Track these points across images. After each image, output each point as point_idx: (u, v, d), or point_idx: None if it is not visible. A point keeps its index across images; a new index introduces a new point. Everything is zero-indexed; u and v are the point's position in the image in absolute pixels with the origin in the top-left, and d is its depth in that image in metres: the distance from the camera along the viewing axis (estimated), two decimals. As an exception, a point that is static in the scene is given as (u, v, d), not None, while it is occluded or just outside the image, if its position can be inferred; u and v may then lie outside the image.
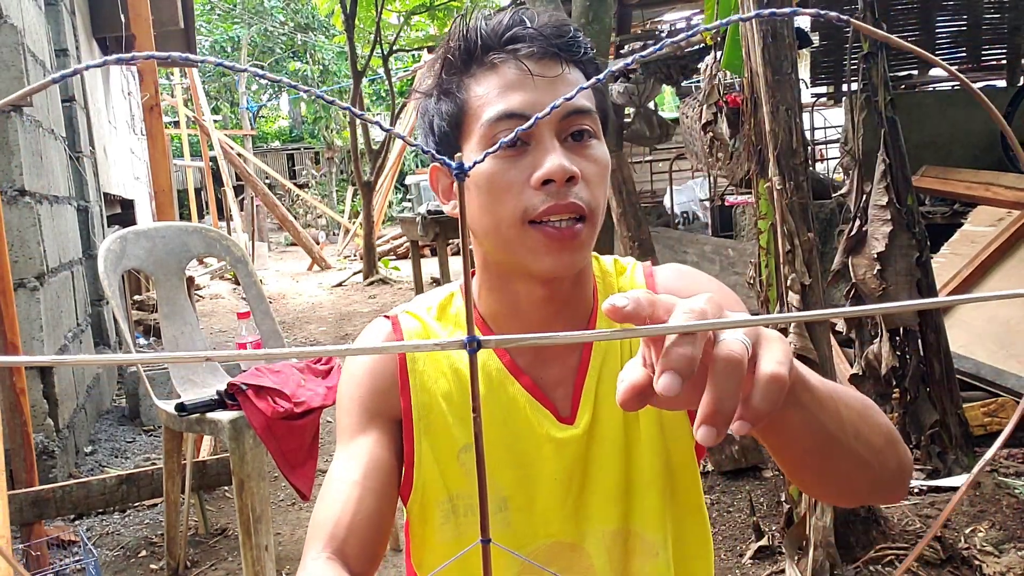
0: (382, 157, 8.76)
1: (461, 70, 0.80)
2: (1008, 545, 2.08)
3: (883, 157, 2.47)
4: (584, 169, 0.76)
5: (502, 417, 0.84)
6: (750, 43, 2.08)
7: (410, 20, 9.74)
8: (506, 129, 0.76)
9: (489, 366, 0.85)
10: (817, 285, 2.05)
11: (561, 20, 0.80)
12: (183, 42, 6.17)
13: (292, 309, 7.19)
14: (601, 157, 0.78)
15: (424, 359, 0.85)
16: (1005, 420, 2.72)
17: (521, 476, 0.84)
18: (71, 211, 3.67)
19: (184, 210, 13.25)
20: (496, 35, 0.78)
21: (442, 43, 0.83)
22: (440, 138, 0.82)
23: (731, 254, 4.59)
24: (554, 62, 0.78)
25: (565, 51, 0.78)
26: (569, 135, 0.77)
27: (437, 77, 0.82)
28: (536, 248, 0.76)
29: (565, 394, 0.85)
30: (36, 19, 3.34)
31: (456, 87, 0.80)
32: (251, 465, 1.88)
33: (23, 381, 2.23)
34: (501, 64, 0.77)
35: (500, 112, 0.76)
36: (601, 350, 0.86)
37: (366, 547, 0.75)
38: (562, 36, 0.78)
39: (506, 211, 0.76)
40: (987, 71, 5.95)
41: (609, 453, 0.84)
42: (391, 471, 0.81)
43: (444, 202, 0.88)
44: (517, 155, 0.76)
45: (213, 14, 19.62)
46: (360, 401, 0.84)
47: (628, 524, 0.85)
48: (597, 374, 0.85)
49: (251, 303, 2.38)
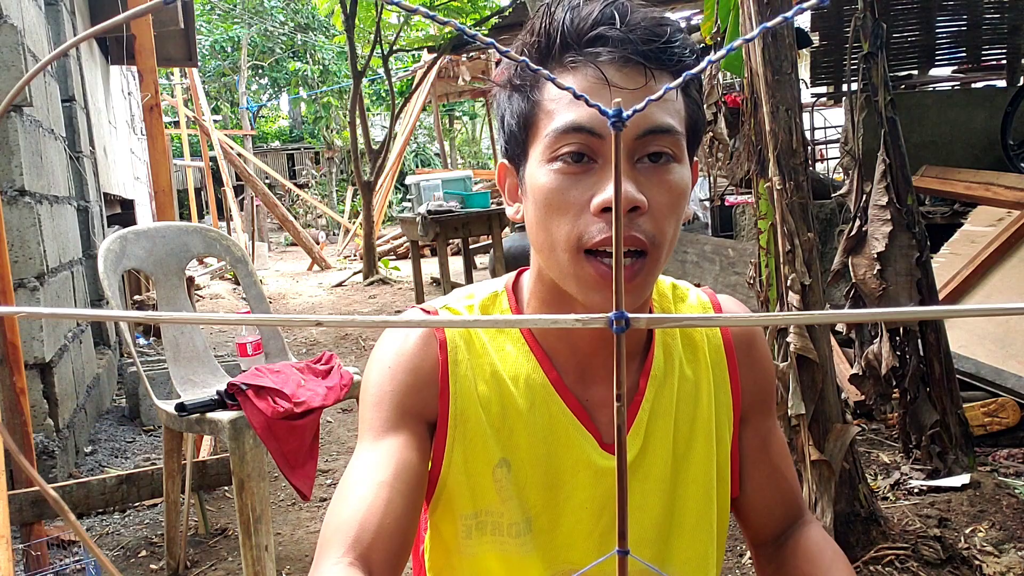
0: (382, 157, 8.76)
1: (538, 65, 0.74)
2: (1008, 545, 2.08)
3: (883, 157, 2.47)
4: (653, 198, 0.68)
5: (542, 435, 0.78)
6: (750, 43, 2.08)
7: (410, 20, 9.74)
8: (572, 143, 0.69)
9: (533, 380, 0.79)
10: (817, 285, 2.05)
11: (657, 20, 0.70)
12: (183, 42, 6.17)
13: (292, 309, 7.19)
14: (677, 185, 0.70)
15: (466, 360, 0.79)
16: (1005, 420, 2.72)
17: (550, 498, 0.78)
18: (71, 211, 3.67)
19: (184, 210, 13.25)
20: (579, 33, 0.69)
21: (524, 31, 0.74)
22: (509, 137, 0.76)
23: (731, 254, 4.59)
24: (639, 71, 0.68)
25: (654, 59, 0.69)
26: (645, 156, 0.69)
27: (512, 70, 0.74)
28: (587, 281, 0.69)
29: (611, 420, 0.78)
30: (36, 19, 3.33)
31: (530, 85, 0.73)
32: (251, 465, 1.88)
33: (23, 381, 2.23)
34: (580, 67, 0.69)
35: (567, 124, 0.68)
36: (657, 381, 0.81)
37: (391, 557, 0.68)
38: (653, 41, 0.69)
39: (561, 233, 0.69)
40: (987, 71, 5.94)
41: (652, 491, 0.80)
42: (421, 476, 0.74)
43: (509, 203, 0.80)
44: (582, 172, 0.69)
45: (213, 14, 19.61)
46: (394, 397, 0.77)
47: (661, 565, 0.81)
48: (650, 405, 0.80)
49: (251, 303, 2.38)
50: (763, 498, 0.88)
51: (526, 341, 0.80)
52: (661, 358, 0.82)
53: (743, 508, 0.89)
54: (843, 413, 2.08)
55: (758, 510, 0.89)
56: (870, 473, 2.55)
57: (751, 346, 0.87)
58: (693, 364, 0.84)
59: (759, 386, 0.88)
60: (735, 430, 0.86)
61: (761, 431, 0.88)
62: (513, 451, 0.78)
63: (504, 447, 0.78)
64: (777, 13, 2.02)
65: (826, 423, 2.04)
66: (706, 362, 0.84)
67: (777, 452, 0.89)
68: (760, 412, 0.88)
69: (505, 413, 0.78)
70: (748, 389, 0.86)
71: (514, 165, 0.77)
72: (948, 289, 3.15)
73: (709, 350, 0.85)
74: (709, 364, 0.84)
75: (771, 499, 0.89)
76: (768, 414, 0.90)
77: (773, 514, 0.89)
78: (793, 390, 2.03)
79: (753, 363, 0.87)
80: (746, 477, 0.88)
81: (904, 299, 2.46)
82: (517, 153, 0.75)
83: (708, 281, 4.69)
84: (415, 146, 19.87)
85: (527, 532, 0.78)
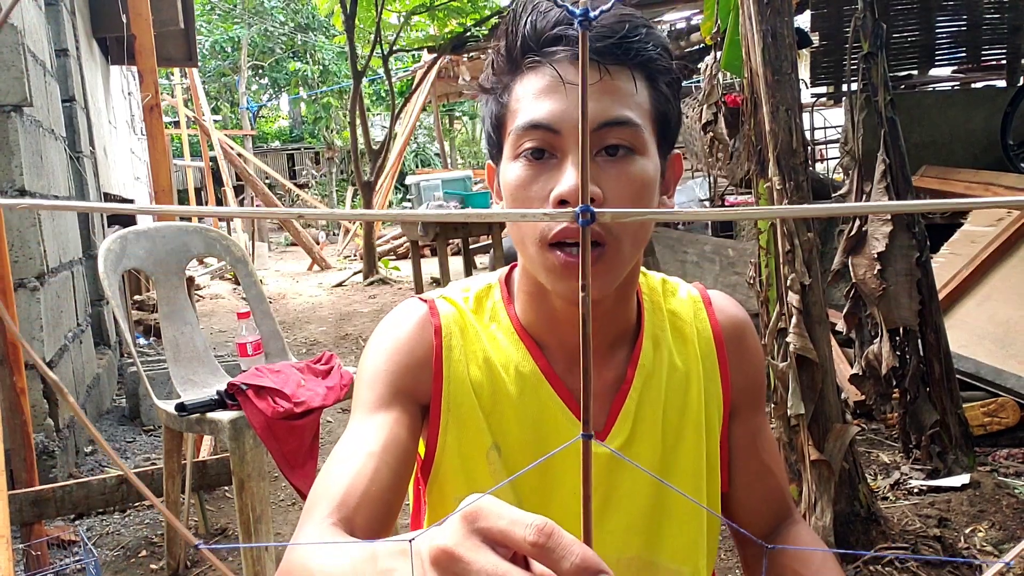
0: (382, 157, 8.76)
1: (506, 71, 0.75)
2: (1008, 545, 2.08)
3: (883, 157, 2.47)
4: (611, 190, 0.69)
5: (532, 422, 0.80)
6: (750, 43, 2.08)
7: (410, 20, 9.73)
8: (532, 139, 0.71)
9: (523, 368, 0.80)
10: (817, 285, 2.04)
11: (618, 17, 0.71)
12: (183, 42, 6.17)
13: (292, 309, 7.19)
14: (637, 176, 0.71)
15: (460, 346, 0.81)
16: (1005, 420, 2.72)
17: (540, 483, 0.80)
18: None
19: (184, 210, 13.23)
20: (539, 35, 0.72)
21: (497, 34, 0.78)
22: (487, 138, 0.79)
23: (731, 254, 4.59)
24: (593, 68, 0.70)
25: (609, 55, 0.70)
26: (603, 148, 0.70)
27: (486, 74, 0.77)
28: (554, 270, 0.71)
29: (601, 409, 0.81)
30: (36, 19, 3.34)
31: (500, 89, 0.75)
32: (251, 465, 1.88)
33: (23, 381, 2.23)
34: (538, 67, 0.72)
35: (527, 122, 0.71)
36: (645, 370, 0.82)
37: (374, 524, 0.69)
38: (608, 37, 0.70)
39: (527, 227, 0.72)
40: (987, 71, 5.95)
41: (640, 479, 0.80)
42: (410, 453, 0.75)
43: (497, 202, 0.82)
44: (543, 168, 0.71)
45: (213, 14, 19.62)
46: (387, 375, 0.78)
47: (652, 555, 0.81)
48: (638, 394, 0.81)
49: (251, 303, 2.38)
50: (751, 495, 0.89)
51: (516, 331, 0.82)
52: (650, 348, 0.83)
53: (731, 504, 0.90)
54: (843, 413, 2.09)
55: (746, 507, 0.90)
56: (870, 473, 2.55)
57: (741, 339, 0.88)
58: (683, 355, 0.85)
59: (749, 379, 0.89)
60: (724, 423, 0.87)
61: (751, 426, 0.89)
62: (504, 436, 0.80)
63: (495, 432, 0.79)
64: (777, 13, 2.02)
65: (826, 423, 2.04)
66: (696, 354, 0.85)
67: (766, 449, 0.90)
68: (750, 407, 0.89)
69: (496, 399, 0.80)
70: (738, 382, 0.87)
71: (496, 165, 0.80)
72: (948, 289, 3.15)
73: (699, 342, 0.86)
74: (699, 356, 0.85)
75: (759, 496, 0.89)
76: (758, 409, 0.90)
77: (761, 511, 0.90)
78: (793, 390, 2.03)
79: (743, 356, 0.88)
80: (735, 472, 0.89)
81: (904, 299, 2.46)
82: (494, 153, 0.79)
83: (708, 281, 4.69)
84: (415, 146, 19.88)
85: None
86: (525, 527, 0.39)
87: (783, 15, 2.03)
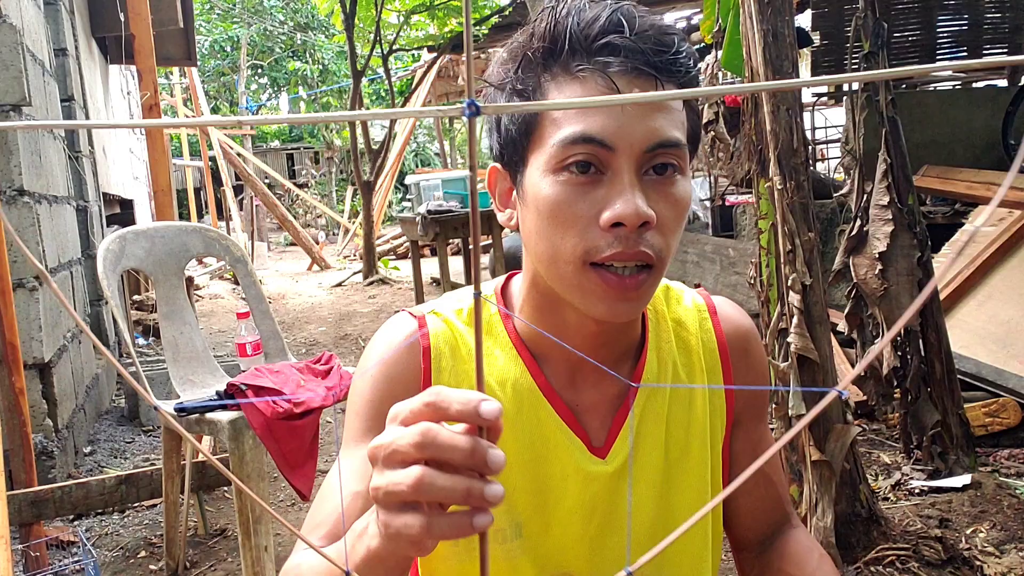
0: (382, 157, 8.75)
1: (541, 70, 0.70)
2: (1009, 546, 2.07)
3: (884, 157, 2.47)
4: (661, 213, 0.67)
5: (528, 439, 0.78)
6: (750, 43, 2.07)
7: (410, 20, 9.73)
8: (580, 154, 0.67)
9: (521, 384, 0.78)
10: (818, 285, 2.04)
11: (663, 29, 0.69)
12: (182, 41, 6.16)
13: (292, 309, 7.18)
14: (683, 198, 0.69)
15: (450, 368, 0.78)
16: (1006, 420, 2.72)
17: (540, 503, 0.78)
18: (70, 211, 3.66)
19: (183, 210, 13.24)
20: (587, 40, 0.67)
21: (524, 33, 0.72)
22: (506, 141, 0.73)
23: (731, 254, 4.59)
24: (650, 83, 0.67)
25: (664, 70, 0.67)
26: (651, 167, 0.68)
27: (513, 73, 0.72)
28: (593, 292, 0.68)
29: (601, 424, 0.79)
30: (35, 19, 3.33)
31: (532, 90, 0.70)
32: (251, 465, 1.87)
33: (22, 381, 2.22)
34: (589, 76, 0.67)
35: (577, 134, 0.66)
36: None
37: None
38: (664, 51, 0.67)
39: (567, 246, 0.68)
40: (988, 71, 5.94)
41: (642, 495, 0.79)
42: None
43: (500, 208, 0.78)
44: (589, 184, 0.67)
45: (213, 14, 19.60)
46: (371, 406, 0.77)
47: (657, 571, 0.80)
48: (640, 409, 0.79)
49: (250, 303, 2.38)
50: (750, 503, 0.89)
51: (515, 346, 0.80)
52: (654, 362, 0.82)
53: (729, 512, 0.89)
54: (844, 413, 2.08)
55: (744, 515, 0.89)
56: (871, 473, 2.55)
57: (747, 350, 0.87)
58: (688, 368, 0.83)
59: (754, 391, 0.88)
60: (727, 433, 0.86)
61: (753, 436, 0.88)
62: None
63: None
64: (778, 12, 2.02)
65: (827, 423, 2.03)
66: (701, 366, 0.84)
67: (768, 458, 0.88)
68: (753, 417, 0.88)
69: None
70: (743, 393, 0.86)
71: (509, 171, 0.75)
72: (949, 289, 3.15)
73: (704, 353, 0.85)
74: (704, 368, 0.84)
75: (758, 505, 0.89)
76: (760, 419, 0.89)
77: (759, 519, 0.89)
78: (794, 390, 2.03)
79: (748, 367, 0.87)
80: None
81: (905, 299, 2.45)
82: (515, 159, 0.73)
83: (708, 281, 4.68)
84: (415, 146, 19.87)
85: (516, 537, 0.78)
86: (417, 401, 0.46)
87: (784, 14, 2.03)
